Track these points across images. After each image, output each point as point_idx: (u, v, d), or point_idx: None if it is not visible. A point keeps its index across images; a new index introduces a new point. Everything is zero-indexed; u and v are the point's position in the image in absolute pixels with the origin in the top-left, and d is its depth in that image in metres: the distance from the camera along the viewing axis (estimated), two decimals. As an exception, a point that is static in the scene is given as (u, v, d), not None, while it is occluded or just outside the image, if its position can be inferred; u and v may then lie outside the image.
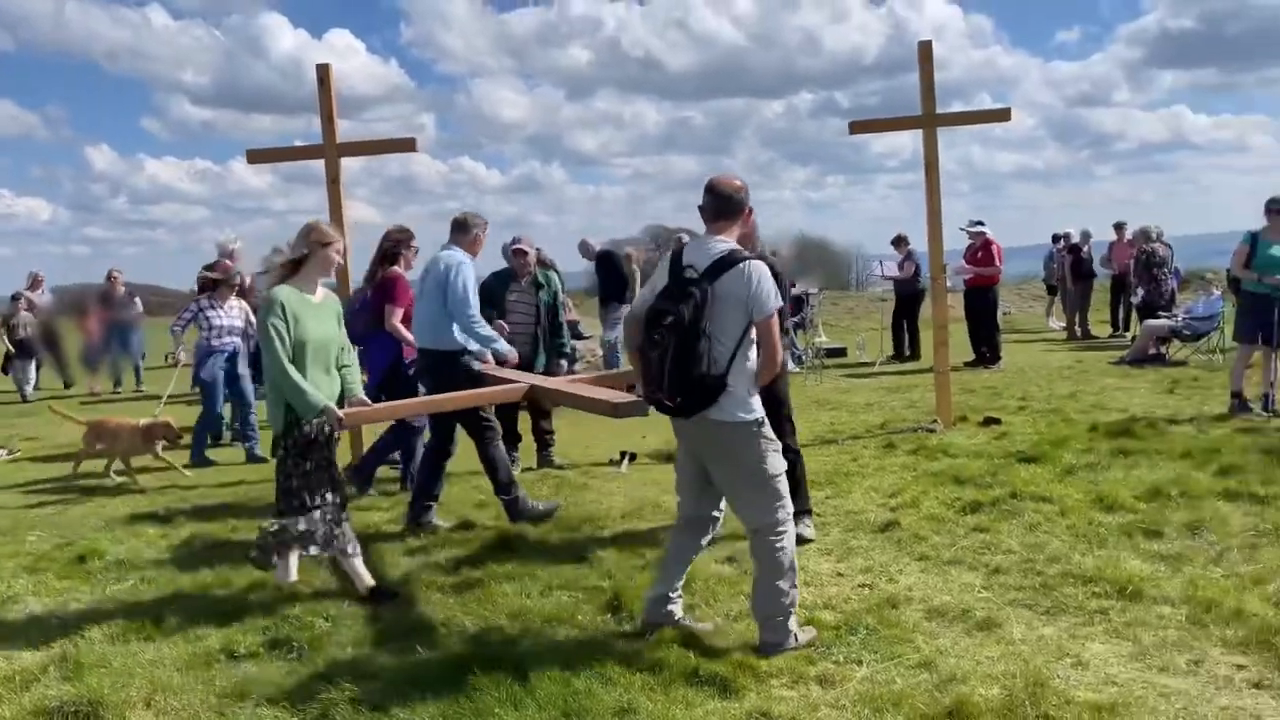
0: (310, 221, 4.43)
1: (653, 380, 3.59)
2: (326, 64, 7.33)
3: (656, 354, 3.54)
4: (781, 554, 3.73)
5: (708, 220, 3.80)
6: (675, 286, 3.59)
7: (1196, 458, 6.28)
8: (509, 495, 5.71)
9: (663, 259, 3.87)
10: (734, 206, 3.78)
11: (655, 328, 3.54)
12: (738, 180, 3.82)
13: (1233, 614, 3.79)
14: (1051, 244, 16.69)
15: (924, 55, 7.80)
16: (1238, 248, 7.94)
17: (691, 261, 3.64)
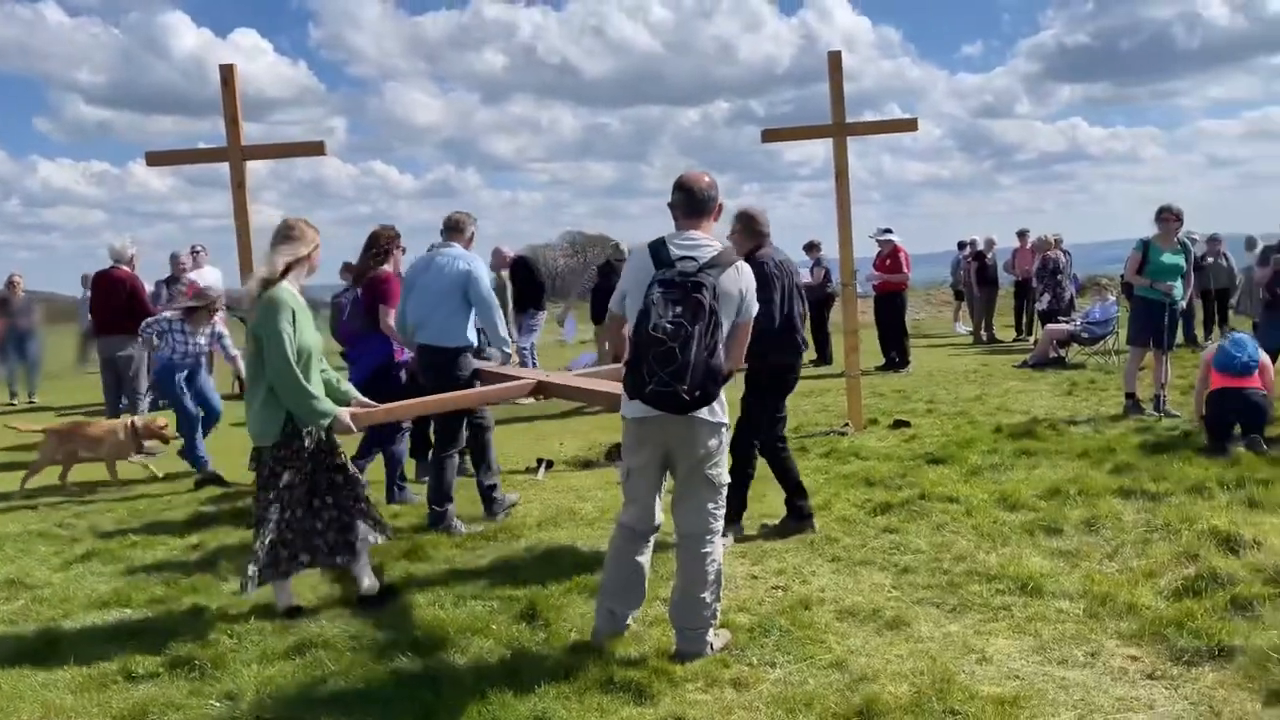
0: (294, 220, 4.21)
1: (671, 371, 3.42)
2: (230, 64, 7.13)
3: (678, 343, 3.40)
4: (710, 563, 3.72)
5: (680, 217, 3.79)
6: (682, 275, 3.51)
7: (1093, 457, 6.53)
8: (488, 481, 5.86)
9: (633, 256, 3.87)
10: (707, 203, 3.79)
11: (670, 317, 3.42)
12: (707, 177, 3.83)
13: (1127, 607, 3.94)
14: (958, 251, 17.18)
15: (834, 66, 7.95)
16: (1131, 255, 8.27)
17: (688, 254, 3.59)
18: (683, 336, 3.41)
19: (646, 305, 3.50)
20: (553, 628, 4.02)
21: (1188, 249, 8.24)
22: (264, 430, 4.14)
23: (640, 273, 3.65)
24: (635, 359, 3.54)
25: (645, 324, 3.48)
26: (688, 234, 3.73)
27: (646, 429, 3.69)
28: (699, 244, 3.66)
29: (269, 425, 4.12)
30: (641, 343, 3.49)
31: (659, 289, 3.50)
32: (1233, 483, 5.57)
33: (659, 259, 3.62)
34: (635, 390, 3.56)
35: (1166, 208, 8.11)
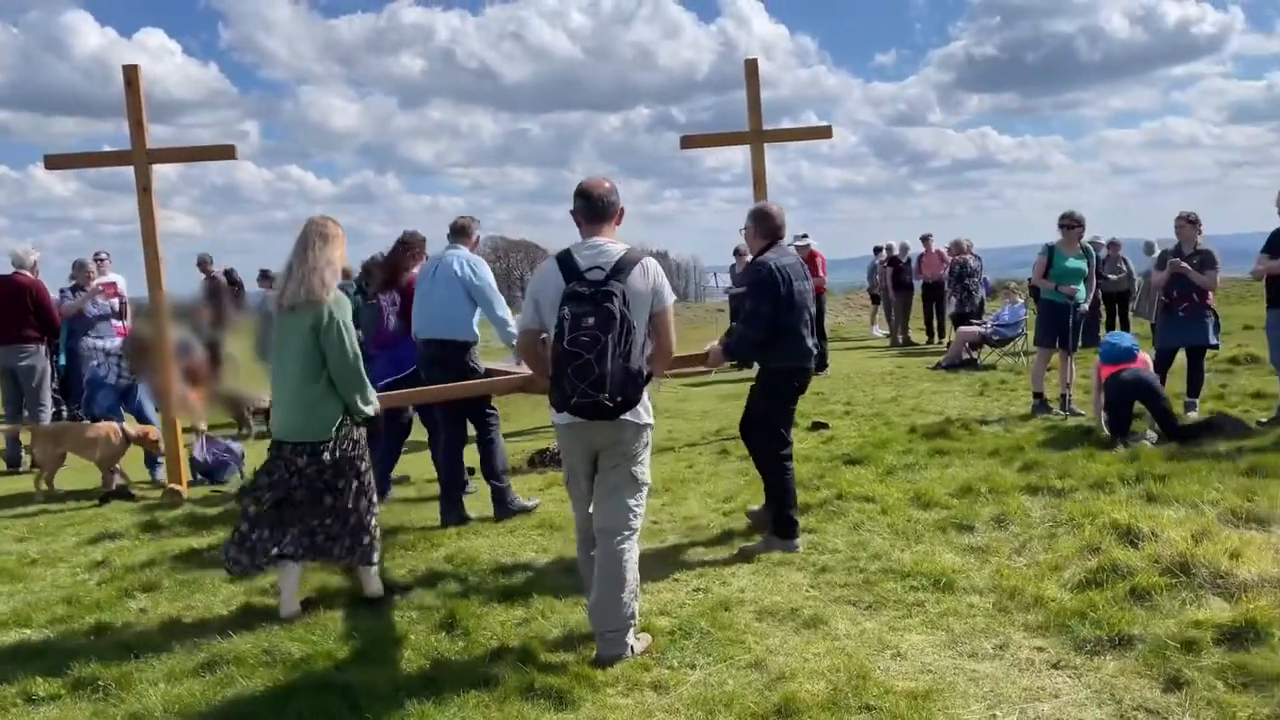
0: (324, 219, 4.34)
1: (591, 382, 3.52)
2: (134, 65, 6.92)
3: (594, 354, 3.51)
4: (627, 563, 3.76)
5: (585, 224, 3.87)
6: (591, 286, 3.60)
7: (1003, 455, 6.72)
8: (501, 484, 5.91)
9: (541, 269, 3.92)
10: (609, 208, 3.86)
11: (583, 329, 3.52)
12: (607, 183, 3.90)
13: (1034, 600, 4.07)
14: (874, 256, 17.56)
15: (750, 74, 8.05)
16: (1037, 259, 8.56)
17: (594, 263, 3.68)
18: (598, 348, 3.51)
19: (560, 320, 3.59)
20: (472, 637, 3.98)
21: (1090, 254, 8.56)
22: (323, 425, 4.22)
23: (551, 287, 3.73)
24: (555, 372, 3.62)
25: (561, 339, 3.57)
26: (592, 242, 3.80)
27: (575, 434, 3.79)
28: (603, 250, 3.74)
29: (328, 420, 4.23)
30: (560, 357, 3.57)
31: (570, 304, 3.59)
32: (1132, 478, 5.79)
33: (567, 270, 3.70)
34: (561, 403, 3.64)
35: (1068, 214, 8.42)
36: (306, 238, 4.28)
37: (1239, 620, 3.63)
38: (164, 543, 5.69)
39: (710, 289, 18.76)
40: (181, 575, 5.04)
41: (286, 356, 4.25)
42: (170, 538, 5.81)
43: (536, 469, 7.41)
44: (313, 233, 4.29)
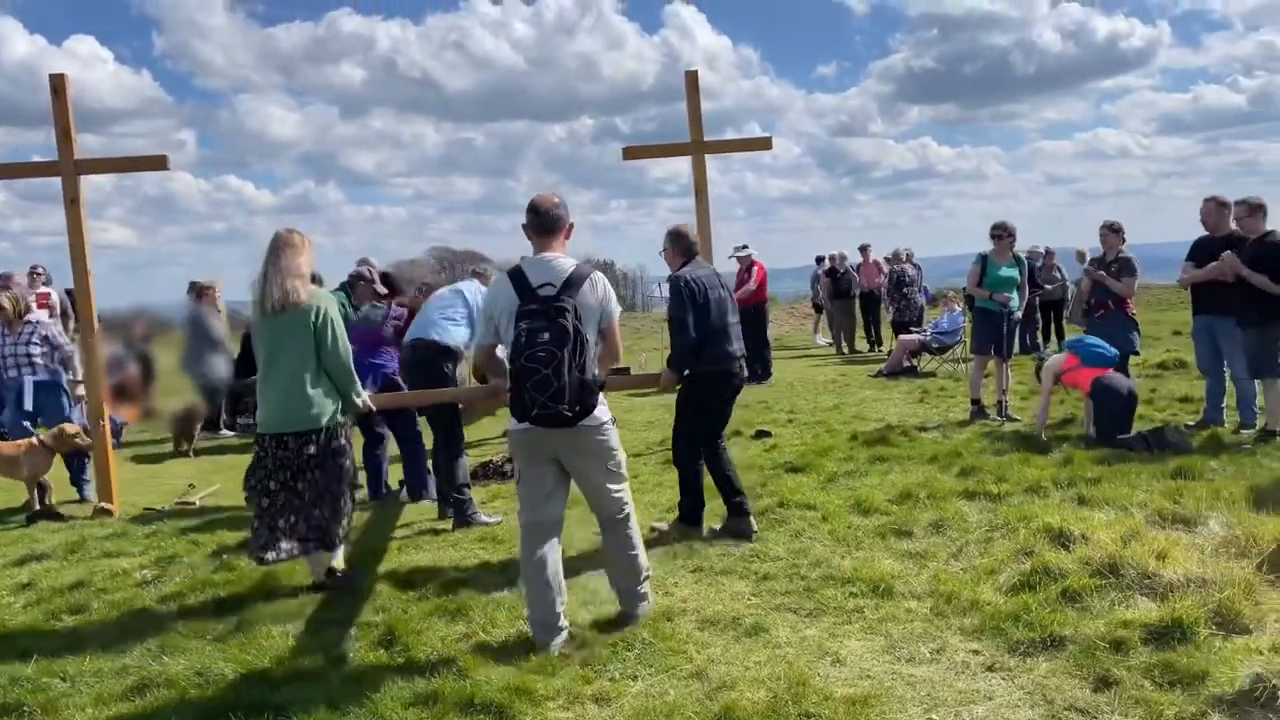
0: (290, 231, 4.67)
1: (550, 394, 3.73)
2: (61, 74, 6.74)
3: (551, 368, 3.72)
4: (635, 531, 4.21)
5: (535, 237, 4.07)
6: (544, 303, 3.81)
7: (941, 461, 6.84)
8: (463, 496, 5.97)
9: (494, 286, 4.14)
10: (557, 222, 4.07)
11: (539, 344, 3.73)
12: (556, 198, 4.12)
13: (970, 604, 4.14)
14: (816, 266, 17.76)
15: (691, 85, 8.09)
16: (971, 268, 8.74)
17: (545, 279, 3.89)
18: (555, 363, 3.74)
19: (517, 336, 3.80)
20: (412, 652, 3.93)
21: (1022, 263, 8.76)
22: (318, 415, 4.57)
23: (505, 302, 3.94)
24: (514, 385, 3.82)
25: (519, 355, 3.77)
26: (542, 257, 4.01)
27: (534, 439, 3.97)
28: (554, 267, 3.94)
29: (323, 411, 4.58)
30: (519, 372, 3.78)
31: (525, 320, 3.80)
32: (1065, 482, 5.93)
33: (519, 287, 3.89)
34: (522, 414, 3.84)
35: (1000, 225, 8.62)
36: (276, 249, 4.60)
37: (1166, 620, 3.73)
38: (93, 563, 5.54)
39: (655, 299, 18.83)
40: (111, 597, 4.91)
41: (281, 355, 4.56)
42: (100, 558, 5.65)
43: (479, 481, 7.35)
44: (281, 244, 4.62)
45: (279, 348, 4.58)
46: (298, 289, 4.54)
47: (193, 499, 7.22)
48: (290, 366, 4.55)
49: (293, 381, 4.56)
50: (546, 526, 4.06)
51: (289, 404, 4.56)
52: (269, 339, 4.61)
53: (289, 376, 4.56)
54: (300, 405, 4.56)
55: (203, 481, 7.93)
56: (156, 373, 12.77)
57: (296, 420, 4.56)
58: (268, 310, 4.54)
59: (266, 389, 4.65)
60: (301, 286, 4.56)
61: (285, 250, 4.61)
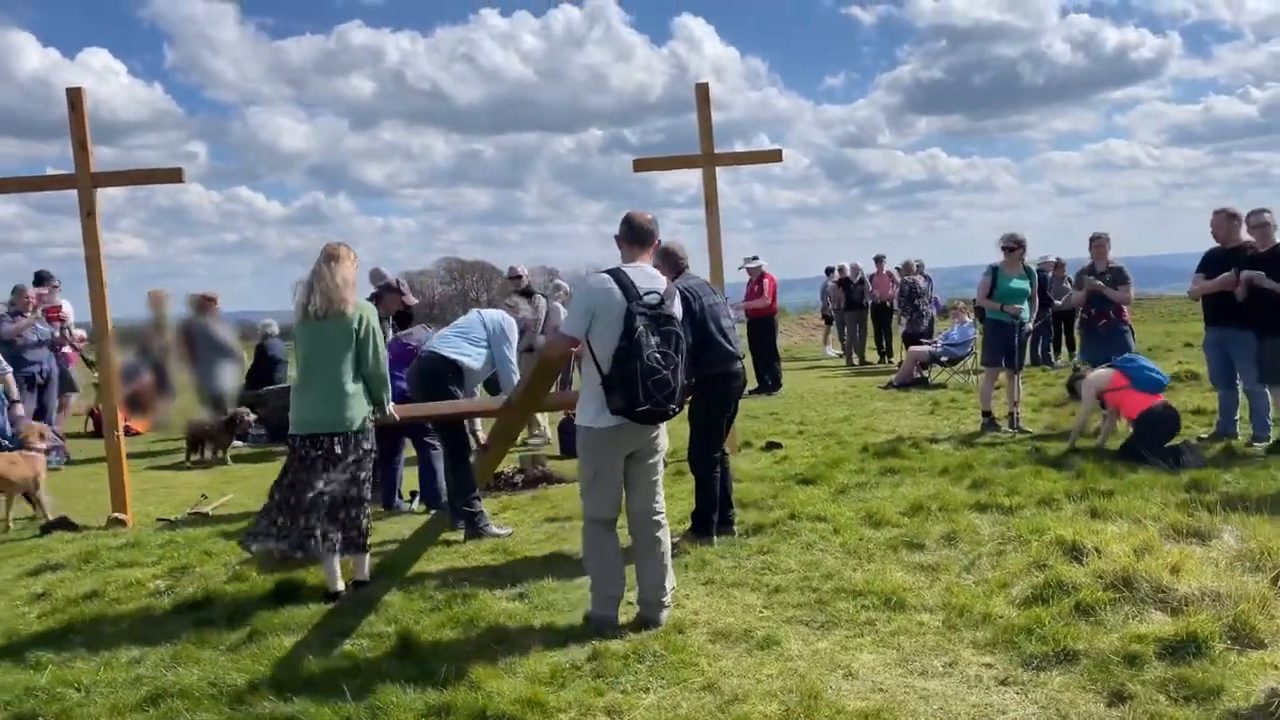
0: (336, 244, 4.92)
1: (666, 394, 4.07)
2: (78, 88, 6.81)
3: (669, 370, 4.07)
4: (667, 532, 4.44)
5: (628, 248, 4.40)
6: (655, 309, 4.12)
7: (953, 473, 6.82)
8: (473, 508, 5.96)
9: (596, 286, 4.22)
10: (650, 236, 4.43)
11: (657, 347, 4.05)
12: (649, 214, 4.45)
13: (982, 617, 4.13)
14: (826, 277, 17.76)
15: (701, 97, 8.13)
16: (981, 280, 8.74)
17: (649, 287, 4.19)
18: (673, 365, 4.10)
19: (635, 338, 4.03)
20: (424, 664, 3.93)
21: (1033, 274, 8.76)
22: (352, 416, 4.81)
23: (607, 300, 4.13)
24: (624, 383, 4.04)
25: (639, 355, 4.02)
26: (640, 267, 4.32)
27: (621, 436, 4.21)
28: (653, 276, 4.32)
29: (358, 414, 4.83)
30: (637, 371, 4.02)
31: (641, 322, 4.06)
32: (1078, 494, 5.91)
33: (625, 290, 4.13)
34: (626, 409, 4.06)
35: (1009, 236, 8.62)
36: (325, 258, 4.87)
37: (1180, 634, 3.71)
38: (107, 574, 5.56)
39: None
40: (124, 607, 4.93)
41: (321, 359, 4.80)
42: (114, 568, 5.67)
43: (490, 493, 7.36)
44: (328, 255, 4.88)
45: (320, 352, 4.81)
46: (344, 298, 4.79)
47: (205, 509, 7.25)
48: (330, 370, 4.78)
49: (332, 385, 4.78)
50: (613, 521, 4.33)
51: (327, 406, 4.78)
52: (310, 343, 4.83)
53: (329, 380, 4.79)
54: (337, 408, 4.78)
55: (215, 492, 7.96)
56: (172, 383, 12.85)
57: (333, 422, 4.78)
58: (311, 315, 4.78)
59: (305, 390, 4.86)
60: (349, 295, 4.82)
61: (333, 260, 4.86)
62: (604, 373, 4.09)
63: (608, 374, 4.08)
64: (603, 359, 4.10)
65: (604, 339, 4.11)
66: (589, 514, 4.34)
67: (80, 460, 10.11)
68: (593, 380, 4.18)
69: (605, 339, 4.11)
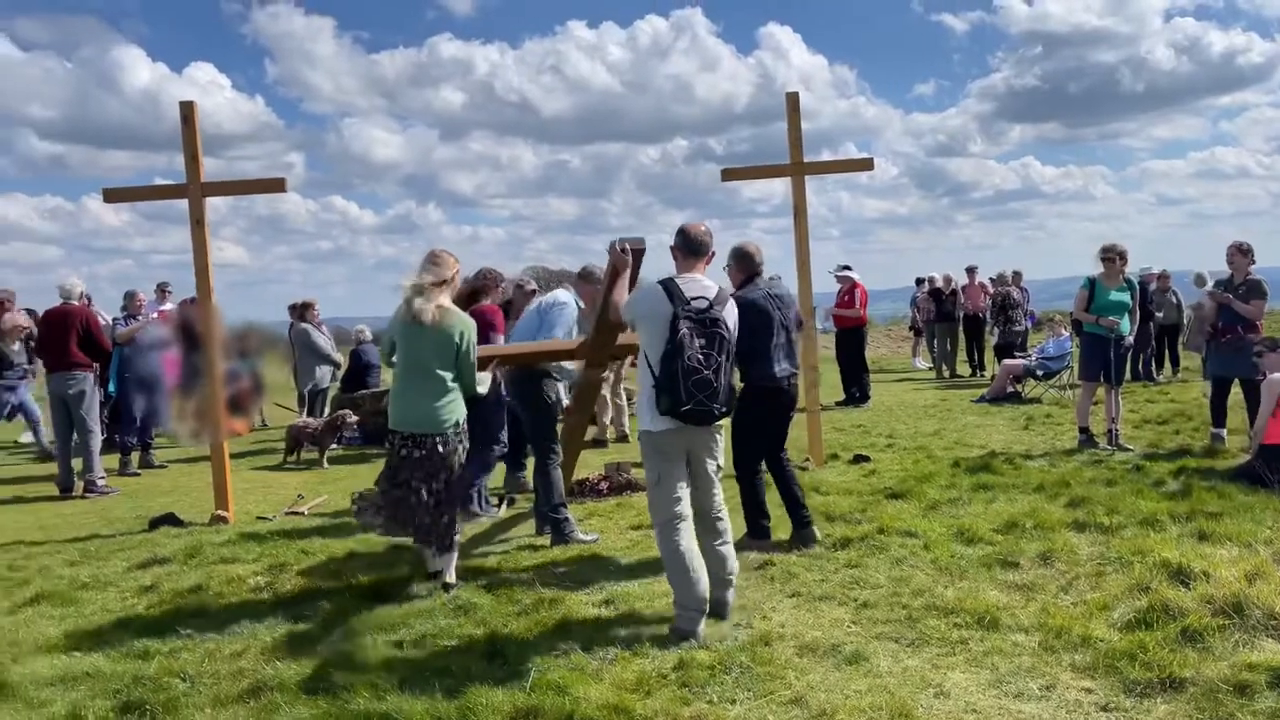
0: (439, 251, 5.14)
1: (708, 394, 4.22)
2: (191, 101, 7.12)
3: (711, 371, 4.22)
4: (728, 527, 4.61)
5: (683, 258, 4.56)
6: (700, 314, 4.28)
7: (1049, 490, 6.63)
8: (559, 514, 6.05)
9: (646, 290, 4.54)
10: (704, 248, 4.58)
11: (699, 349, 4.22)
12: (705, 226, 4.62)
13: (1081, 640, 3.99)
14: (916, 287, 17.45)
15: (792, 106, 8.10)
16: (1079, 292, 8.48)
17: (697, 294, 4.35)
18: (714, 366, 4.24)
19: (679, 340, 4.20)
20: (513, 666, 3.99)
21: (1133, 286, 8.45)
22: (449, 417, 5.04)
23: (658, 305, 4.32)
24: (669, 384, 4.21)
25: (680, 356, 4.19)
26: (692, 276, 4.47)
27: (678, 438, 4.38)
28: (704, 285, 4.43)
29: (455, 414, 5.07)
30: (679, 371, 4.19)
31: (687, 324, 4.23)
32: (1184, 515, 5.69)
33: (673, 296, 4.30)
34: (672, 409, 4.24)
35: (1109, 247, 8.32)
36: (424, 267, 5.09)
37: (1295, 664, 3.54)
38: (210, 569, 5.77)
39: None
40: (227, 601, 5.12)
41: (422, 362, 5.00)
42: (216, 564, 5.89)
43: (575, 499, 7.42)
44: (432, 260, 5.11)
45: (421, 355, 5.02)
46: (445, 307, 5.03)
47: (301, 508, 7.48)
48: (430, 374, 5.00)
49: (432, 387, 5.01)
50: (683, 518, 4.40)
51: (426, 407, 5.00)
52: (412, 345, 5.03)
53: (429, 383, 5.01)
54: (436, 410, 5.01)
55: (310, 492, 8.20)
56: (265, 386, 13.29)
57: (432, 422, 5.00)
58: (415, 320, 4.98)
59: (405, 390, 5.07)
60: (443, 302, 5.03)
61: (436, 266, 5.09)
62: (654, 376, 4.29)
63: (657, 377, 4.28)
64: (654, 363, 4.30)
65: (654, 344, 4.31)
66: (657, 517, 4.45)
67: (186, 459, 10.53)
68: (646, 386, 4.37)
69: (655, 344, 4.30)
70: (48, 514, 7.93)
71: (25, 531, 7.20)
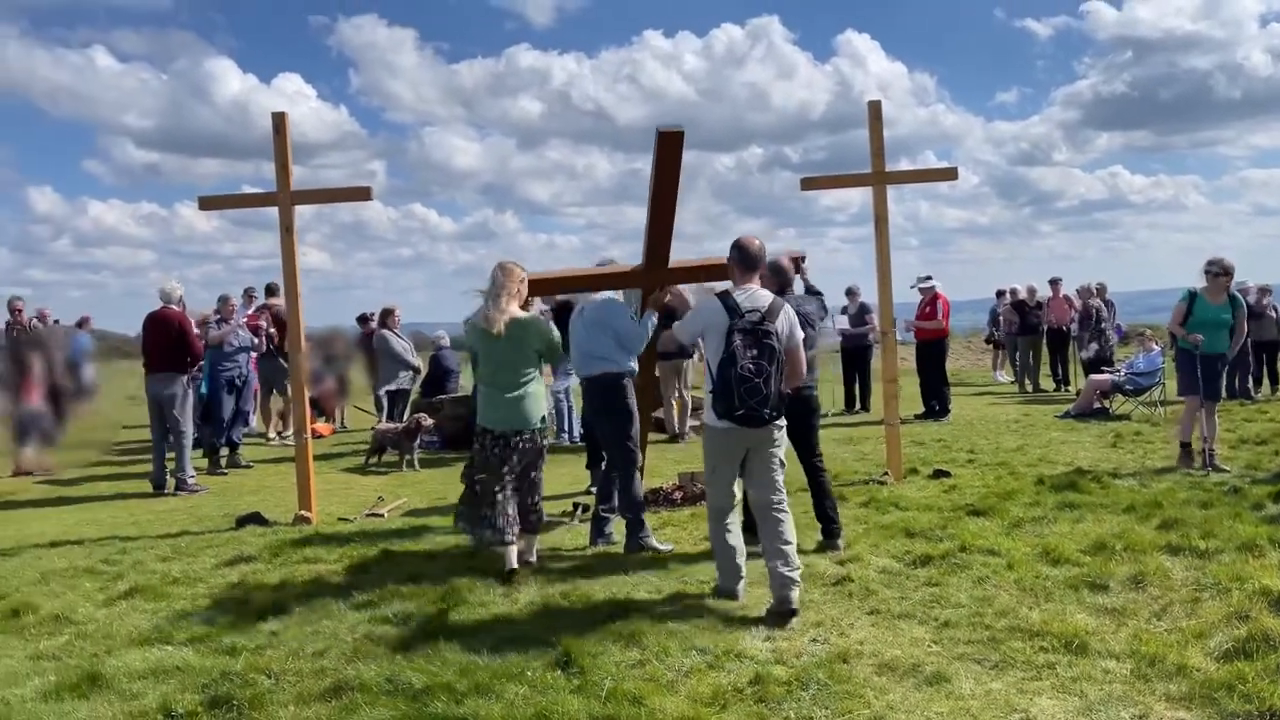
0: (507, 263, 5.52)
1: (758, 400, 4.58)
2: (282, 112, 7.31)
3: (761, 379, 4.58)
4: (789, 516, 4.86)
5: (739, 272, 4.89)
6: (753, 325, 4.64)
7: (1139, 511, 6.40)
8: (637, 519, 6.10)
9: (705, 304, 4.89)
10: (758, 261, 4.94)
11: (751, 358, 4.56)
12: (757, 241, 4.93)
13: (1176, 668, 3.84)
14: (996, 299, 17.06)
15: (874, 115, 7.99)
16: (1176, 305, 8.17)
17: (752, 306, 4.72)
18: (764, 375, 4.58)
19: (731, 350, 4.59)
20: (587, 675, 3.99)
21: (1237, 302, 8.10)
22: (534, 415, 5.51)
23: (716, 317, 4.73)
24: (723, 390, 4.61)
25: (734, 364, 4.56)
26: (746, 288, 4.83)
27: (734, 436, 4.78)
28: (757, 297, 4.78)
29: (537, 411, 5.55)
30: (732, 378, 4.57)
31: (739, 336, 4.60)
32: (1285, 541, 5.44)
33: (729, 309, 4.69)
34: (727, 414, 4.64)
35: (1217, 261, 7.96)
36: (495, 279, 5.50)
37: None
38: (294, 568, 5.91)
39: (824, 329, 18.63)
40: (310, 600, 5.22)
41: (500, 366, 5.45)
42: (299, 563, 6.03)
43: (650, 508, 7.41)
44: (499, 274, 5.51)
45: (499, 361, 5.46)
46: (513, 315, 5.41)
47: (382, 510, 7.61)
48: (510, 377, 5.45)
49: (515, 389, 5.46)
50: (731, 508, 4.90)
51: (513, 408, 5.46)
52: (489, 352, 5.48)
53: (511, 385, 5.45)
54: (522, 409, 5.47)
55: (390, 495, 8.34)
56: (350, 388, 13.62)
57: (519, 421, 5.46)
58: (490, 329, 5.39)
59: (491, 394, 5.51)
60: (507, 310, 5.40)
61: (505, 277, 5.48)
62: (712, 381, 4.71)
63: (714, 383, 4.69)
64: (713, 370, 4.71)
65: (713, 352, 4.72)
66: (710, 504, 4.99)
67: (271, 459, 10.82)
68: (707, 388, 4.84)
69: (713, 352, 4.72)
70: (141, 510, 8.22)
71: (120, 527, 7.47)
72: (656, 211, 5.97)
